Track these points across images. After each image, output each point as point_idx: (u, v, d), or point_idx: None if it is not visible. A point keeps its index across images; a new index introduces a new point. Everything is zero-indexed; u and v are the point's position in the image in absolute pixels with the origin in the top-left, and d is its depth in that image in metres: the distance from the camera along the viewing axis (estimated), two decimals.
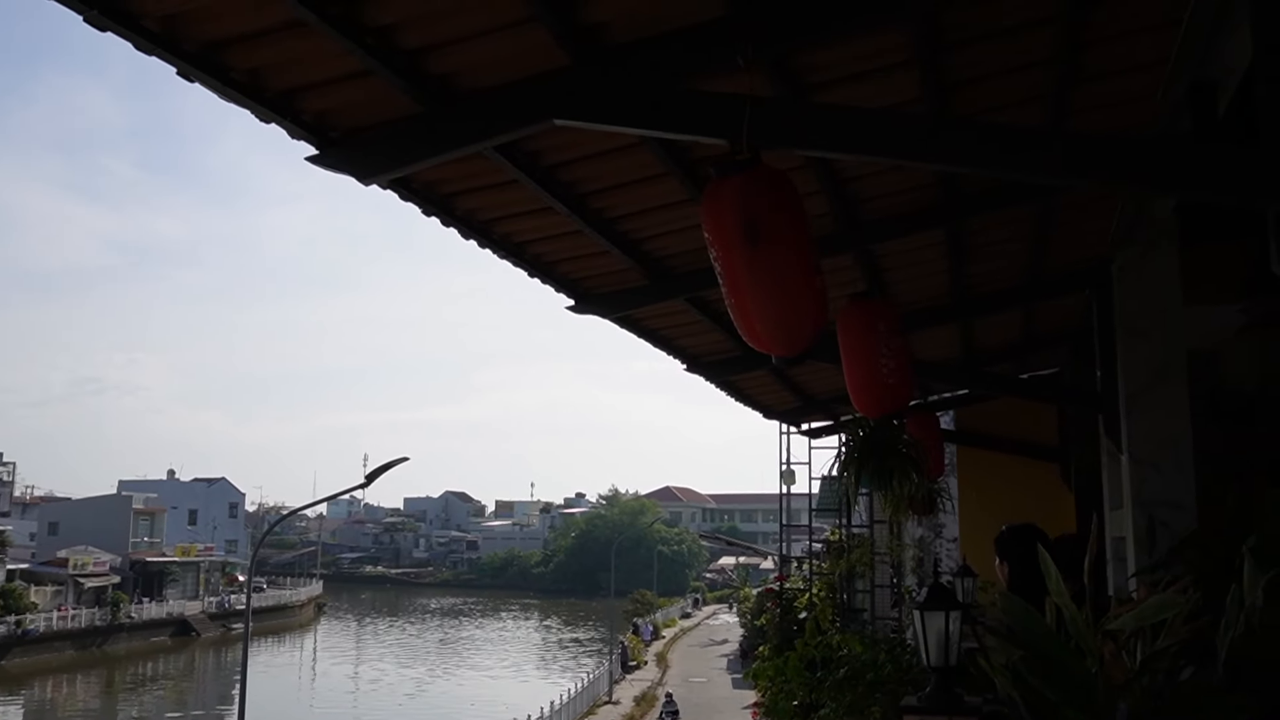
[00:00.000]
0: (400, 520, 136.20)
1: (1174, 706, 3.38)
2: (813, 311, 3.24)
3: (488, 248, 4.83)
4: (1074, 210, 6.07)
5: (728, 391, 9.76)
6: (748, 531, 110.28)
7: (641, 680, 44.22)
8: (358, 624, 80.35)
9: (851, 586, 19.16)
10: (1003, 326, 9.35)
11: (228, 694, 44.63)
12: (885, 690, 6.86)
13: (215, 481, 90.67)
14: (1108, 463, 7.08)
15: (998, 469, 12.14)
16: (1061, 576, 3.63)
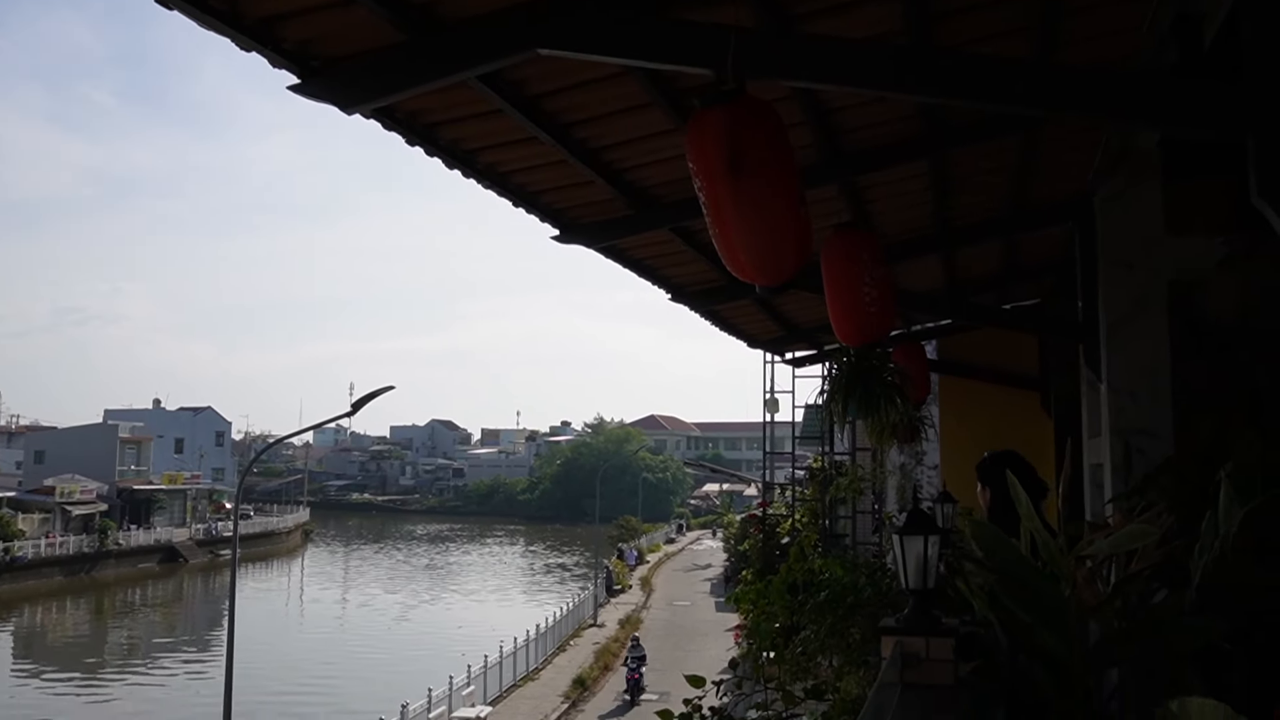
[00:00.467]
0: (387, 448, 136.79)
1: (1144, 628, 3.47)
2: (797, 242, 3.27)
3: (472, 178, 4.82)
4: (1057, 143, 6.07)
5: (712, 321, 9.79)
6: (732, 459, 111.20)
7: (626, 604, 44.86)
8: (345, 550, 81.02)
9: (834, 512, 19.42)
10: (986, 258, 9.38)
11: (217, 618, 45.10)
12: (865, 613, 6.99)
13: (201, 410, 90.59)
14: (1087, 392, 7.16)
15: (979, 397, 12.27)
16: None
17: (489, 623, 39.80)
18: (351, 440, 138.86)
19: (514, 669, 29.24)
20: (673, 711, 5.99)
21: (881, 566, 8.40)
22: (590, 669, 30.64)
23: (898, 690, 3.76)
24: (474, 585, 58.63)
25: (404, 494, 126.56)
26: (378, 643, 39.46)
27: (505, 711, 26.09)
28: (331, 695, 30.07)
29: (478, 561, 72.01)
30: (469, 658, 27.34)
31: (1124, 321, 6.09)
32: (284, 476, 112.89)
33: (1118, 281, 6.15)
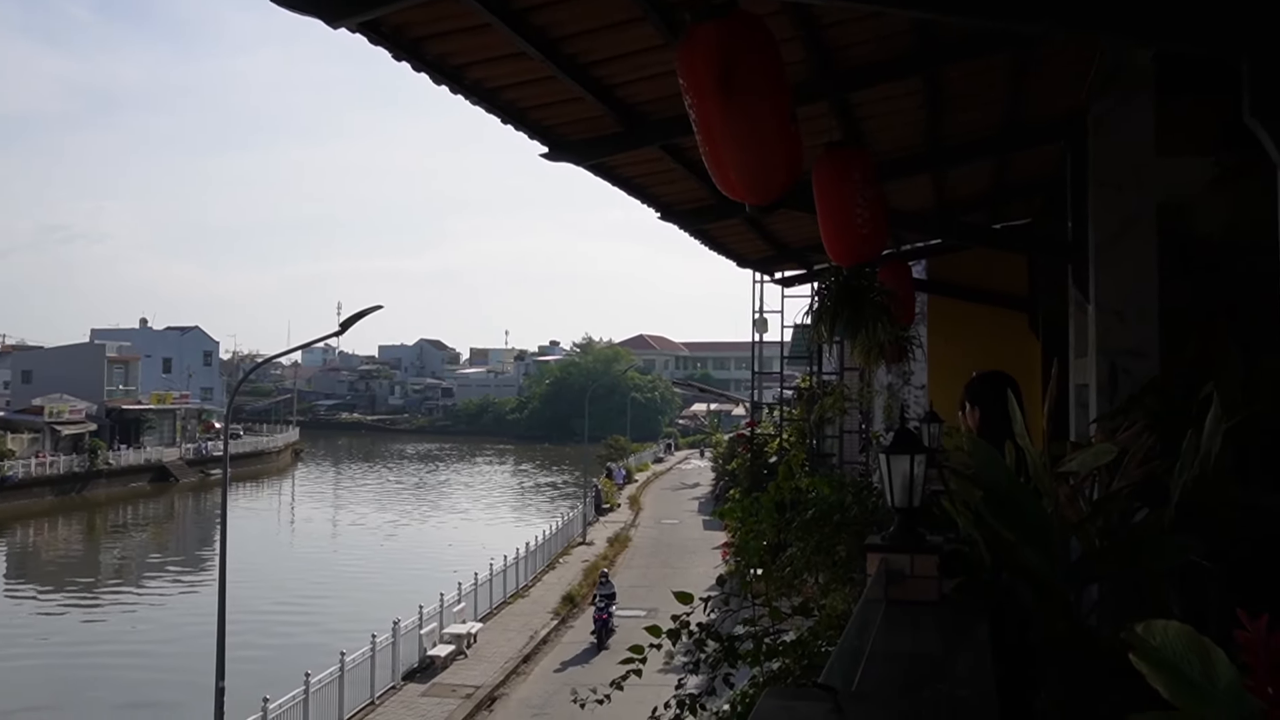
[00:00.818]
0: (375, 368, 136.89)
1: (1123, 546, 3.53)
2: (788, 160, 3.24)
3: (459, 94, 4.75)
4: (1051, 60, 6.00)
5: (701, 240, 9.75)
6: (720, 379, 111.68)
7: (615, 523, 45.34)
8: (335, 469, 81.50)
9: (821, 432, 19.57)
10: (976, 177, 9.33)
11: (208, 537, 45.55)
12: (851, 531, 7.07)
13: (189, 330, 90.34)
14: (1074, 312, 7.19)
15: (967, 318, 12.30)
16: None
17: (479, 541, 40.20)
18: (340, 360, 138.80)
19: (504, 586, 29.63)
20: (661, 627, 6.09)
21: (868, 485, 8.48)
22: (579, 586, 31.06)
23: (883, 606, 3.82)
24: (464, 504, 59.13)
25: (393, 414, 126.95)
26: (369, 561, 39.88)
27: (496, 628, 26.50)
28: (323, 613, 30.47)
29: (467, 481, 72.54)
30: (460, 576, 27.66)
31: (1112, 241, 6.09)
32: (272, 396, 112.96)
33: (1107, 201, 6.14)
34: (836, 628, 5.78)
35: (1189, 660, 1.71)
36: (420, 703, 20.87)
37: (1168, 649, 1.73)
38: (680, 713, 6.05)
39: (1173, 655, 1.72)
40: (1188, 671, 1.70)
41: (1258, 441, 4.66)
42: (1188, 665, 1.70)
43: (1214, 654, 1.69)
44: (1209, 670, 1.68)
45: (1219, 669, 1.67)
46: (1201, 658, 1.70)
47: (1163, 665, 1.71)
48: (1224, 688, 1.65)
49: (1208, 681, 1.67)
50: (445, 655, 23.26)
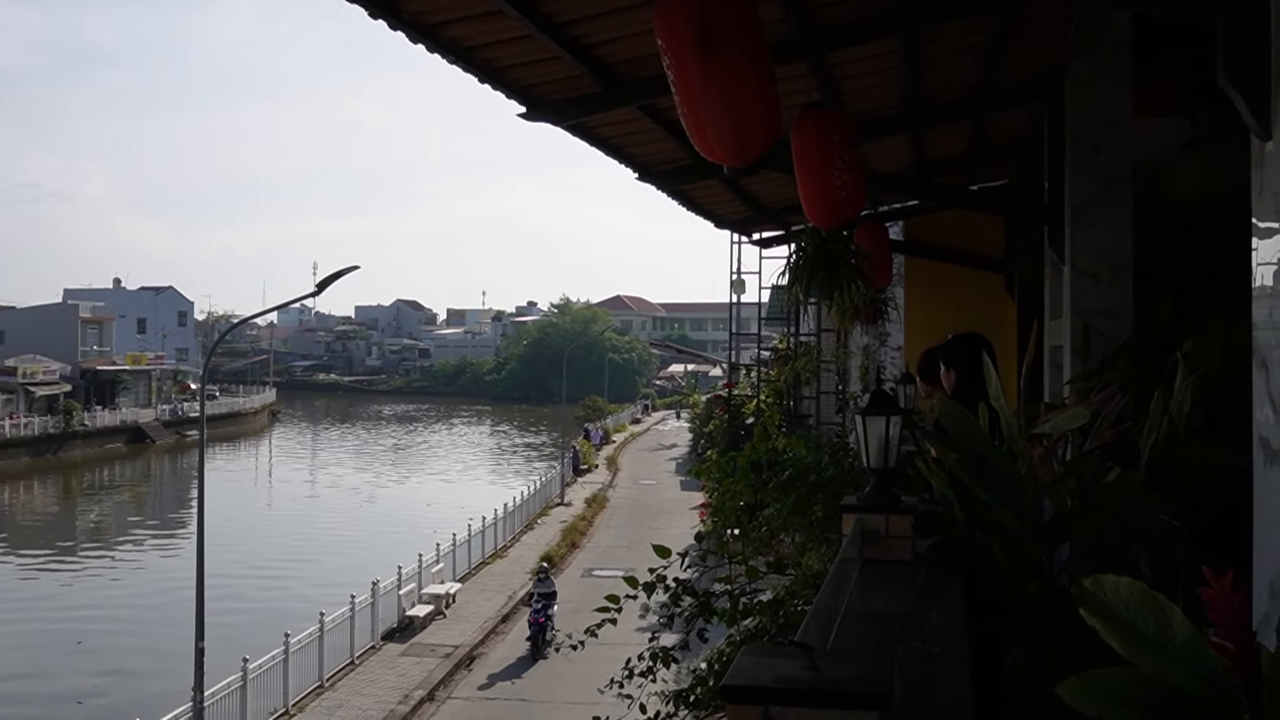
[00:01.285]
0: (352, 328, 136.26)
1: (1093, 505, 3.57)
2: (766, 122, 3.23)
3: (436, 53, 4.70)
4: (1029, 21, 5.98)
5: (679, 200, 9.72)
6: (697, 340, 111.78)
7: (592, 483, 45.50)
8: (312, 431, 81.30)
9: (798, 393, 19.64)
10: (954, 138, 9.33)
11: (185, 498, 45.39)
12: (827, 491, 7.12)
13: (163, 290, 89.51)
14: (1050, 273, 7.23)
15: (943, 279, 12.33)
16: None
17: (457, 502, 40.28)
18: (316, 320, 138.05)
19: (482, 547, 29.73)
20: (637, 579, 6.14)
21: (844, 446, 8.54)
22: (558, 547, 31.20)
23: (858, 565, 3.86)
24: (442, 465, 59.16)
25: (370, 374, 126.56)
26: (347, 522, 39.90)
27: (474, 588, 26.61)
28: (302, 574, 30.50)
29: (445, 441, 72.53)
30: (438, 536, 27.73)
31: (1088, 203, 6.11)
32: (248, 357, 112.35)
33: (1083, 163, 6.15)
34: (812, 587, 5.84)
35: (1143, 617, 1.72)
36: (400, 662, 20.99)
37: (1120, 605, 1.75)
38: (653, 665, 6.11)
39: (1126, 611, 1.73)
40: (1143, 628, 1.71)
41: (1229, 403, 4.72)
42: (1143, 622, 1.72)
43: (1169, 611, 1.71)
44: (1165, 627, 1.70)
45: (1175, 625, 1.69)
46: (1156, 614, 1.72)
47: (1115, 621, 1.73)
48: (1181, 644, 1.67)
49: (1163, 638, 1.69)
50: (424, 615, 23.37)
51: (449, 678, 20.36)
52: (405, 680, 19.86)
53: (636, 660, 6.19)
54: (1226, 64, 2.73)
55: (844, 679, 1.77)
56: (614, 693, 6.18)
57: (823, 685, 1.73)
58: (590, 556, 31.18)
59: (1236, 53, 2.71)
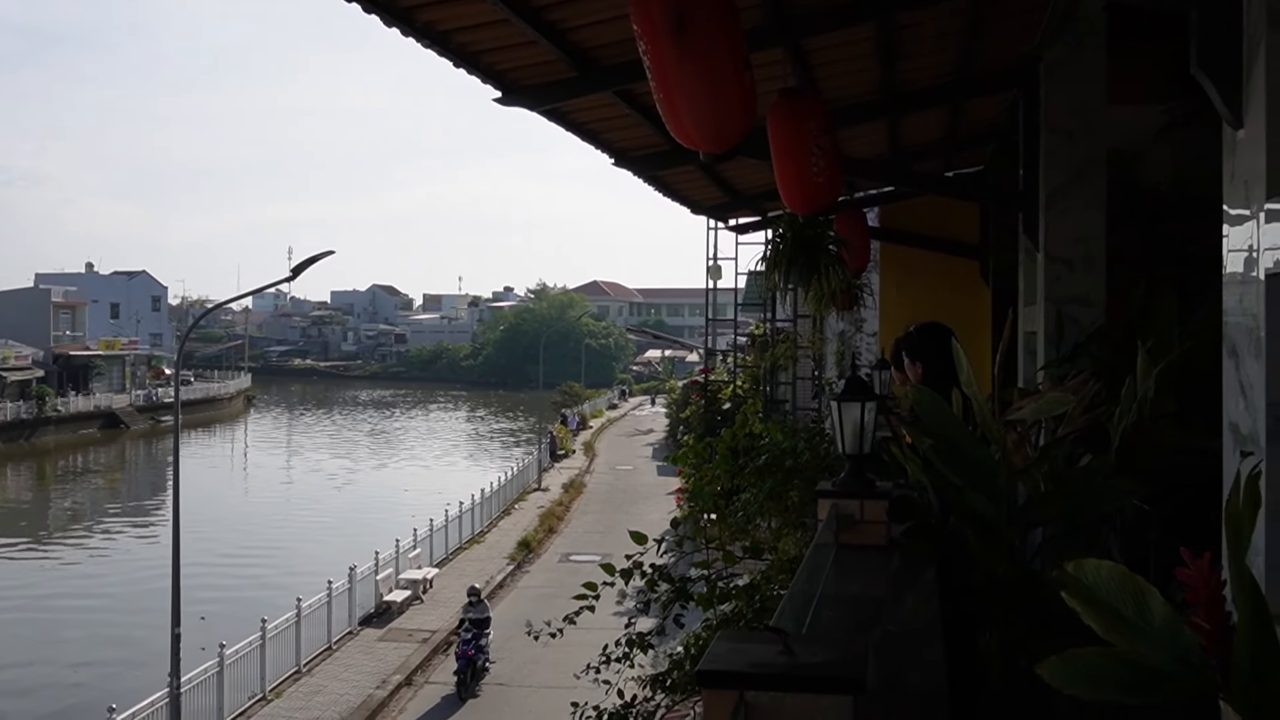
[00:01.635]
0: (327, 314, 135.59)
1: (1065, 490, 3.60)
2: (742, 108, 3.23)
3: (411, 37, 4.67)
4: (1005, 6, 6.00)
5: (655, 186, 9.70)
6: (674, 326, 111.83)
7: (569, 469, 45.50)
8: (288, 416, 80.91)
9: (774, 379, 19.70)
10: (930, 124, 9.35)
11: (161, 484, 45.09)
12: (803, 477, 7.16)
13: (136, 275, 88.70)
14: (1024, 260, 7.26)
15: (919, 265, 12.38)
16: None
17: (435, 488, 40.19)
18: (292, 305, 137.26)
19: (460, 532, 29.70)
20: (614, 566, 6.16)
21: (820, 432, 8.57)
22: (535, 532, 31.21)
23: (833, 550, 3.89)
24: (419, 451, 59.00)
25: (346, 360, 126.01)
26: (324, 508, 39.76)
27: (451, 573, 26.59)
28: (279, 560, 30.39)
29: (422, 427, 72.34)
30: (416, 522, 27.69)
31: (1062, 190, 6.15)
32: (223, 342, 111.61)
33: (1058, 150, 6.19)
34: (788, 572, 5.87)
35: (1123, 599, 1.75)
36: (377, 647, 20.98)
37: (1100, 588, 1.78)
38: (630, 650, 6.14)
39: (1106, 594, 1.76)
40: (1122, 610, 1.74)
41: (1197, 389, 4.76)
42: (1121, 604, 1.75)
43: (1148, 593, 1.74)
44: (1143, 609, 1.73)
45: (1154, 607, 1.72)
46: (1135, 596, 1.75)
47: (1095, 604, 1.76)
48: (1159, 625, 1.70)
49: (1142, 620, 1.72)
50: (402, 600, 23.35)
51: (426, 662, 20.37)
52: (383, 665, 19.86)
53: (614, 646, 6.21)
54: (1199, 52, 2.75)
55: (819, 663, 1.78)
56: (590, 678, 6.20)
57: (797, 670, 1.74)
58: (567, 541, 31.22)
59: (1209, 41, 2.73)
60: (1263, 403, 2.54)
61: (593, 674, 6.20)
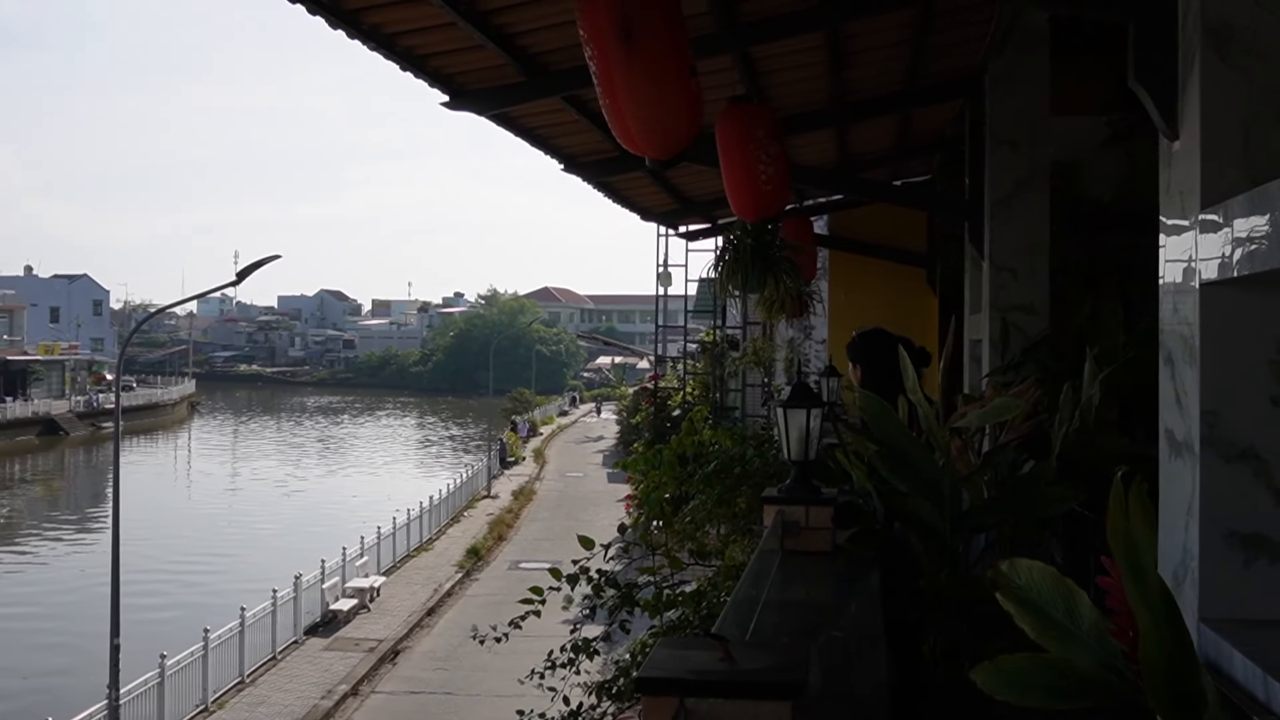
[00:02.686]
0: (274, 319, 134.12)
1: (1008, 496, 3.64)
2: (687, 114, 3.23)
3: (357, 39, 4.63)
4: (951, 18, 6.07)
5: (605, 193, 9.70)
6: (625, 332, 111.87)
7: (519, 475, 45.32)
8: (233, 422, 79.84)
9: (724, 386, 19.76)
10: (878, 133, 9.43)
11: (101, 492, 44.28)
12: (751, 483, 7.17)
13: (77, 278, 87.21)
14: (970, 268, 7.35)
15: (867, 273, 12.49)
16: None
17: (383, 495, 39.84)
18: (238, 310, 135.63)
19: (408, 540, 29.44)
20: (561, 570, 6.13)
21: (769, 439, 8.60)
22: (484, 539, 31.03)
23: (778, 556, 3.89)
24: (367, 458, 58.47)
25: (293, 365, 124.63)
26: (270, 516, 39.24)
27: (399, 581, 26.36)
28: (223, 569, 29.94)
29: (370, 434, 71.70)
30: (363, 530, 27.41)
31: (1007, 199, 6.23)
32: (167, 347, 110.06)
33: (1002, 159, 6.27)
34: (735, 578, 5.87)
35: (1054, 601, 1.78)
36: (323, 656, 20.72)
37: (1033, 589, 1.80)
38: (575, 656, 6.11)
39: (1038, 596, 1.79)
40: (1053, 612, 1.77)
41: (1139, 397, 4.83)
42: (1053, 606, 1.77)
43: (1077, 596, 1.77)
44: (1073, 612, 1.75)
45: (1082, 611, 1.75)
46: (1066, 600, 1.77)
47: (1028, 605, 1.78)
48: (1087, 630, 1.72)
49: (1071, 622, 1.74)
50: (348, 609, 23.09)
51: (373, 672, 20.15)
52: (329, 675, 19.62)
53: (559, 652, 6.17)
54: (1136, 65, 2.79)
55: (758, 669, 1.78)
56: (535, 684, 6.16)
57: (737, 676, 1.73)
58: (517, 549, 31.06)
59: (1145, 54, 2.78)
60: (1197, 410, 2.58)
61: (538, 680, 6.16)
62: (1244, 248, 2.31)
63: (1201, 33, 2.57)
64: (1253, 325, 2.53)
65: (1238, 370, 2.55)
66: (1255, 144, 2.54)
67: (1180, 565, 2.66)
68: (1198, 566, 2.56)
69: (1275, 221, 2.12)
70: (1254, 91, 2.55)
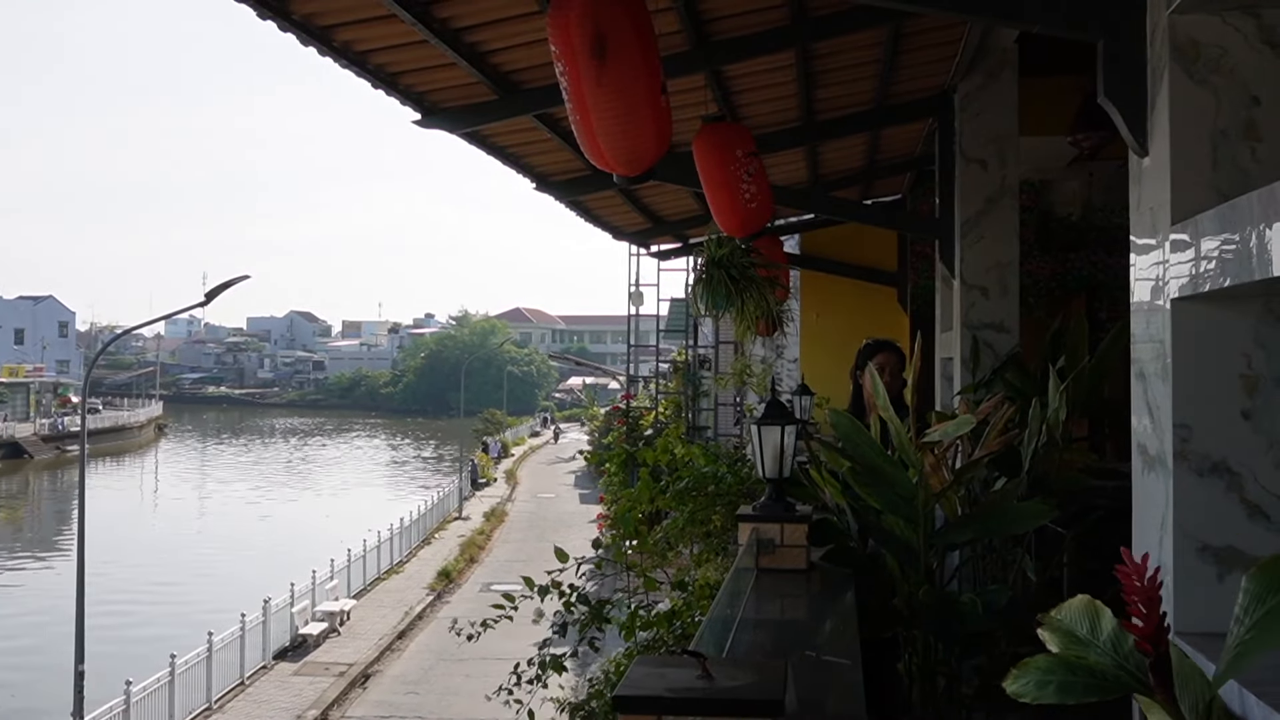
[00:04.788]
0: (243, 340, 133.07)
1: (980, 512, 3.64)
2: (656, 131, 3.24)
3: (328, 56, 4.61)
4: (921, 38, 6.12)
5: (577, 211, 9.70)
6: (597, 352, 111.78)
7: (491, 497, 45.10)
8: (201, 445, 79.05)
9: (696, 405, 19.76)
10: (849, 153, 9.49)
11: (66, 515, 43.70)
12: (725, 502, 7.16)
13: (42, 299, 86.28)
14: (941, 287, 7.39)
15: (838, 292, 12.54)
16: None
17: (353, 517, 39.50)
18: (206, 332, 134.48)
19: (378, 563, 29.20)
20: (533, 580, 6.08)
21: (742, 457, 8.59)
22: (456, 561, 30.82)
23: (753, 574, 3.88)
24: (337, 480, 58.00)
25: (262, 387, 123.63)
26: (238, 539, 38.81)
27: (370, 604, 26.13)
28: (190, 593, 29.54)
29: (341, 455, 71.16)
30: (333, 552, 27.15)
31: (977, 217, 6.27)
32: (134, 369, 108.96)
33: (972, 179, 6.31)
34: (710, 597, 5.85)
35: (1079, 620, 1.92)
36: (293, 681, 20.48)
37: (1065, 613, 1.95)
38: (542, 671, 6.07)
39: (1068, 619, 1.94)
40: (1077, 630, 1.91)
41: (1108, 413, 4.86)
42: (1077, 625, 1.92)
43: (1101, 613, 1.91)
44: (1095, 625, 1.89)
45: (1104, 623, 1.89)
46: (1091, 617, 1.91)
47: (1059, 629, 1.94)
48: (1105, 637, 1.86)
49: (1092, 635, 1.88)
50: (318, 633, 22.85)
51: (343, 696, 19.93)
52: (298, 700, 19.39)
53: (525, 665, 6.13)
54: (1106, 82, 2.82)
55: (737, 687, 1.76)
56: (502, 700, 6.11)
57: (715, 694, 1.72)
58: (488, 571, 30.86)
59: (1115, 72, 2.80)
60: (1170, 423, 2.59)
61: (506, 695, 6.11)
62: (1214, 263, 2.33)
63: (1170, 50, 2.60)
64: (1223, 340, 2.55)
65: (1209, 385, 2.56)
66: (1224, 160, 2.57)
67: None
68: (1172, 580, 2.57)
69: (1245, 237, 2.14)
70: (1221, 108, 2.58)
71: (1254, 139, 2.56)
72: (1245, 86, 2.57)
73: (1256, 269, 2.08)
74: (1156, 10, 2.68)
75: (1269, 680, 2.09)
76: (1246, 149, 2.56)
